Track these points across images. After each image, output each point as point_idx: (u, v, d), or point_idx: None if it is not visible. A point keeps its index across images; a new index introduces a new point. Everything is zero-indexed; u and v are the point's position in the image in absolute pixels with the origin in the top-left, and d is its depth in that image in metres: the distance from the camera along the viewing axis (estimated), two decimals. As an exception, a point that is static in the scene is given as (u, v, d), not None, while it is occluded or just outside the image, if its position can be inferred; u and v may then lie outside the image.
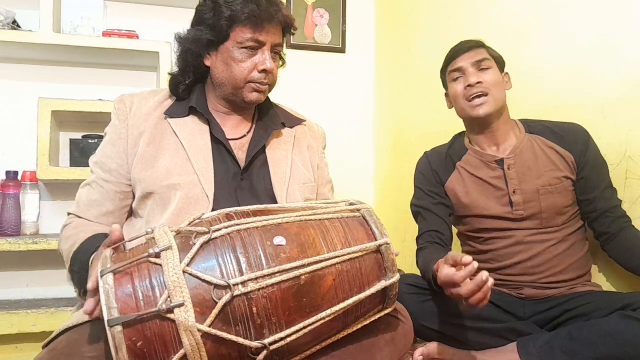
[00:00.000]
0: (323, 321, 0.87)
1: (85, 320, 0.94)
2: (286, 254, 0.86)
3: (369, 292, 0.91)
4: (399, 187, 2.38)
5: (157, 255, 0.83)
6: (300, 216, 0.93)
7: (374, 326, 1.01)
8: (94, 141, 2.12)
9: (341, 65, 2.67)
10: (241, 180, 1.19)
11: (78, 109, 2.04)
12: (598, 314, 1.25)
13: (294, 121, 1.34)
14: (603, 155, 1.43)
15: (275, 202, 1.18)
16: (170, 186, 1.13)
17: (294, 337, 0.84)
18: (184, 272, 0.80)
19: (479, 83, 1.43)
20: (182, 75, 1.23)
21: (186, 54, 1.21)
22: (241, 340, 0.81)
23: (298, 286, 0.85)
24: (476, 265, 1.08)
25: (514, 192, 1.43)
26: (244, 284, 0.81)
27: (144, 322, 0.78)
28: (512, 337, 1.34)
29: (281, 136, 1.29)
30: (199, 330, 0.78)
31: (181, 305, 0.78)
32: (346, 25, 2.66)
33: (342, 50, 2.66)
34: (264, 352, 0.82)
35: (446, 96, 1.60)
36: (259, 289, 0.82)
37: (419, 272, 1.46)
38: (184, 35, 1.21)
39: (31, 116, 2.08)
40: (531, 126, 1.51)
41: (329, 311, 0.87)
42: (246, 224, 0.88)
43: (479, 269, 1.47)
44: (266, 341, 0.82)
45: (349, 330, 0.96)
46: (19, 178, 2.07)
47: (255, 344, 0.81)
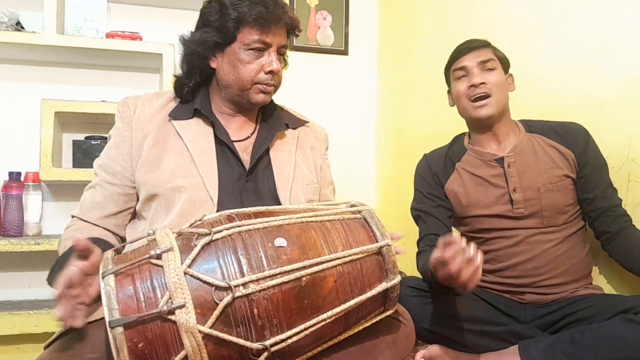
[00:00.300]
0: (324, 323, 0.87)
1: (87, 321, 0.94)
2: (287, 255, 0.86)
3: (369, 294, 0.91)
4: (401, 189, 2.38)
5: (158, 257, 0.83)
6: (301, 218, 0.93)
7: (375, 328, 1.01)
8: (96, 142, 2.13)
9: (344, 67, 2.67)
10: (246, 182, 1.19)
11: (81, 110, 2.04)
12: (600, 317, 1.25)
13: (296, 122, 1.34)
14: (605, 158, 1.42)
15: (279, 204, 1.18)
16: (174, 188, 1.13)
17: (294, 338, 0.84)
18: (185, 273, 0.81)
19: (482, 84, 1.43)
20: (188, 77, 1.23)
21: (191, 56, 1.20)
22: (242, 342, 0.81)
23: (299, 287, 0.85)
24: (464, 241, 1.05)
25: (514, 190, 1.43)
26: (244, 285, 0.81)
27: (145, 323, 0.78)
28: (513, 339, 1.33)
29: (284, 137, 1.29)
30: (199, 331, 0.78)
31: (182, 307, 0.78)
32: (349, 28, 2.66)
33: (344, 52, 2.67)
34: (265, 354, 0.82)
35: (448, 93, 1.59)
36: (259, 290, 0.82)
37: (420, 275, 1.46)
38: (188, 37, 1.21)
39: (34, 117, 2.09)
40: (531, 126, 1.51)
41: (329, 313, 0.87)
42: (247, 225, 0.88)
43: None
44: (267, 342, 0.82)
45: (350, 332, 0.96)
46: (22, 179, 2.07)
47: (256, 345, 0.81)
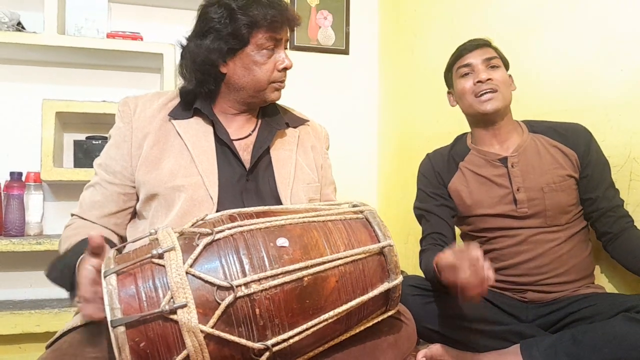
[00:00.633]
0: (326, 323, 0.87)
1: (88, 321, 0.94)
2: (289, 255, 0.86)
3: (371, 294, 0.91)
4: (403, 189, 2.38)
5: (160, 256, 0.83)
6: (303, 217, 0.93)
7: (377, 328, 1.01)
8: (97, 142, 2.13)
9: (344, 66, 2.67)
10: (246, 182, 1.19)
11: (82, 110, 2.05)
12: (601, 316, 1.25)
13: (297, 121, 1.34)
14: (607, 157, 1.42)
15: (280, 203, 1.18)
16: (174, 188, 1.13)
17: (296, 338, 0.84)
18: (186, 273, 0.80)
19: (489, 80, 1.44)
20: (200, 86, 1.21)
21: (203, 65, 1.18)
22: (244, 342, 0.81)
23: (301, 288, 0.84)
24: (480, 252, 1.06)
25: (517, 189, 1.43)
26: (246, 285, 0.81)
27: (146, 323, 0.78)
28: (515, 339, 1.33)
29: (285, 136, 1.29)
30: (201, 331, 0.78)
31: (184, 306, 0.78)
32: (349, 27, 2.66)
33: (345, 51, 2.67)
34: (267, 354, 0.82)
35: (449, 94, 1.59)
36: (261, 290, 0.82)
37: (422, 274, 1.46)
38: (195, 46, 1.18)
39: (35, 117, 2.09)
40: (534, 126, 1.51)
41: (331, 313, 0.87)
42: (249, 225, 0.88)
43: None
44: (269, 342, 0.82)
45: (352, 332, 0.96)
46: (23, 179, 2.07)
47: (258, 345, 0.81)
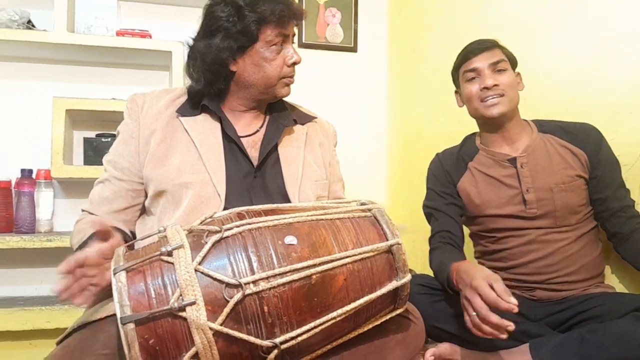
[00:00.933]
0: (334, 321, 0.87)
1: (98, 317, 0.95)
2: (297, 253, 0.86)
3: (379, 292, 0.91)
4: (411, 187, 2.37)
5: (169, 254, 0.83)
6: (311, 215, 0.93)
7: (385, 326, 1.01)
8: (107, 140, 2.14)
9: (353, 64, 2.66)
10: (254, 179, 1.19)
11: (92, 107, 2.05)
12: (611, 315, 1.24)
13: (304, 118, 1.34)
14: (617, 156, 1.41)
15: (288, 200, 1.18)
16: (182, 184, 1.13)
17: (304, 336, 0.84)
18: (195, 270, 0.81)
19: (495, 85, 1.42)
20: (210, 85, 1.21)
21: (213, 65, 1.18)
22: (252, 339, 0.81)
23: (309, 285, 0.85)
24: (516, 309, 1.10)
25: (527, 190, 1.42)
26: (255, 282, 0.82)
27: (156, 320, 0.79)
28: (523, 338, 1.32)
29: (292, 133, 1.29)
30: (210, 328, 0.79)
31: (193, 304, 0.78)
32: (358, 25, 2.65)
33: (353, 49, 2.65)
34: (275, 351, 0.82)
35: (456, 94, 1.59)
36: (269, 288, 0.82)
37: (430, 273, 1.45)
38: (204, 46, 1.18)
39: (45, 115, 2.10)
40: (543, 126, 1.50)
41: (339, 311, 0.87)
42: (257, 223, 0.89)
43: (491, 268, 1.47)
44: (277, 340, 0.82)
45: (360, 330, 0.96)
46: (34, 176, 2.09)
47: (266, 342, 0.81)
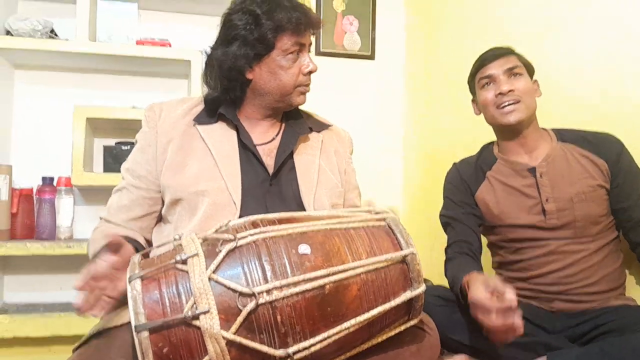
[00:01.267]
0: (347, 331, 0.86)
1: (113, 325, 0.96)
2: (311, 262, 0.86)
3: (394, 303, 0.90)
4: (428, 196, 2.36)
5: (184, 262, 0.84)
6: (325, 224, 0.93)
7: (399, 337, 0.99)
8: (126, 147, 2.17)
9: (370, 72, 2.65)
10: (270, 186, 1.20)
11: (112, 116, 2.08)
12: (631, 329, 1.21)
13: (320, 126, 1.35)
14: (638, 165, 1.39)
15: (303, 208, 1.18)
16: (198, 192, 1.14)
17: (317, 346, 0.84)
18: (209, 279, 0.81)
19: (510, 91, 1.41)
20: (226, 93, 1.22)
21: (230, 72, 1.19)
22: (265, 349, 0.81)
23: (322, 295, 0.84)
24: (515, 303, 1.06)
25: (546, 200, 1.40)
26: (268, 292, 0.82)
27: (170, 328, 0.79)
28: (541, 351, 1.30)
29: (308, 141, 1.29)
30: (223, 337, 0.79)
31: (206, 312, 0.79)
32: (375, 32, 2.65)
33: (371, 57, 2.65)
34: (288, 361, 0.82)
35: (473, 102, 1.58)
36: (283, 298, 0.82)
37: (447, 283, 1.44)
38: (221, 53, 1.19)
39: (67, 123, 2.13)
40: (563, 134, 1.47)
41: (353, 321, 0.86)
42: (271, 231, 0.89)
43: (510, 278, 1.45)
44: (290, 350, 0.82)
45: (374, 341, 0.95)
46: (54, 183, 2.12)
47: (279, 352, 0.81)
